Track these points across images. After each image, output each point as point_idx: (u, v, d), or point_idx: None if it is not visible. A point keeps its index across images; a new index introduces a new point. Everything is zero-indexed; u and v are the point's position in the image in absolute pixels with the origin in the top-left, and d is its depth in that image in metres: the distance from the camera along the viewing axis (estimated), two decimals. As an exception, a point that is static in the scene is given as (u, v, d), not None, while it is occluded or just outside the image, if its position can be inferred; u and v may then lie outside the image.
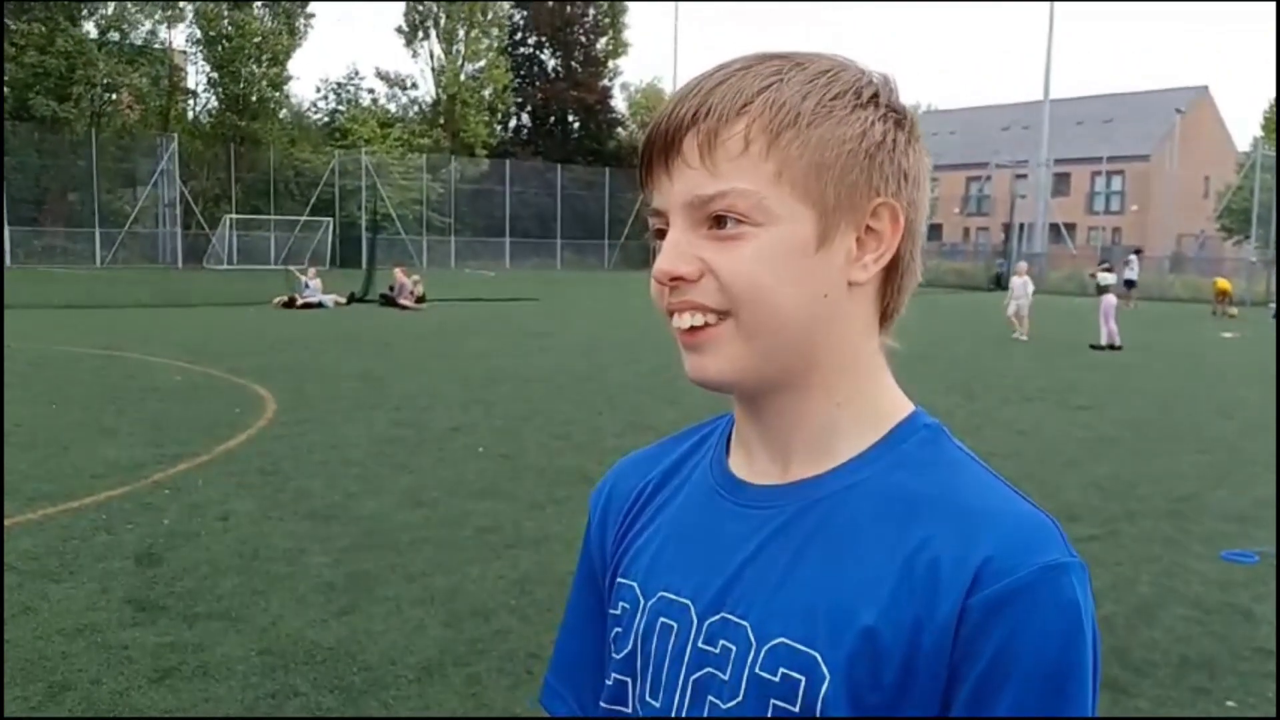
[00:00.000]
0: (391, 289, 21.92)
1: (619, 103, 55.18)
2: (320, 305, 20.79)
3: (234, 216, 39.19)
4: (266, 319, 18.10)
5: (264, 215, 40.48)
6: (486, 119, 48.94)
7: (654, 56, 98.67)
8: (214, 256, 38.27)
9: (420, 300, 21.66)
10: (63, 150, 36.67)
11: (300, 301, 20.61)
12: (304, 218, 40.39)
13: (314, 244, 39.07)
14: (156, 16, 38.94)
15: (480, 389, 10.30)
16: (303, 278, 21.89)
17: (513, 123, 53.76)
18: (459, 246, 46.26)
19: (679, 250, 0.75)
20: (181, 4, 39.54)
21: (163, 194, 39.16)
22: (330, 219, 40.52)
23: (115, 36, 37.70)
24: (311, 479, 6.40)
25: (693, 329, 0.76)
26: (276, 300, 20.68)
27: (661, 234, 0.78)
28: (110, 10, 37.66)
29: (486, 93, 49.18)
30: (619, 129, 55.05)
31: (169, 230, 39.33)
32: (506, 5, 51.06)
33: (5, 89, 36.81)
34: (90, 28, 37.30)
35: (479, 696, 3.49)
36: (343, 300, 21.75)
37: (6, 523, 5.28)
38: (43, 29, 34.95)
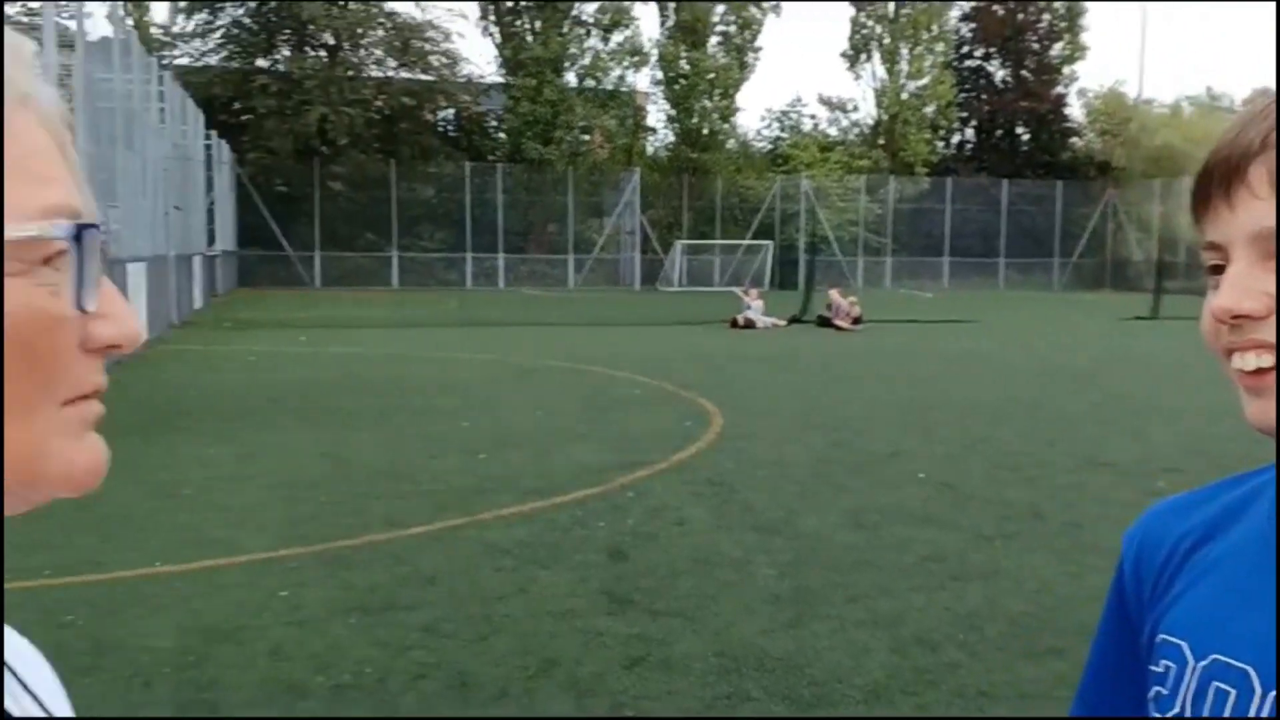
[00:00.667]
0: (829, 308, 22.23)
1: (1074, 110, 51.20)
2: (762, 326, 21.63)
3: (684, 242, 42.12)
4: (714, 338, 19.20)
5: (710, 240, 43.05)
6: (928, 137, 47.89)
7: (1117, 58, 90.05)
8: (664, 279, 41.36)
9: (856, 321, 21.73)
10: (545, 187, 41.92)
11: (743, 321, 21.60)
12: (746, 241, 42.32)
13: (754, 267, 40.79)
14: (625, 63, 43.11)
15: (918, 413, 10.09)
16: (745, 298, 22.93)
17: (955, 138, 52.03)
18: (895, 266, 45.72)
19: (1243, 286, 0.70)
20: (648, 49, 43.42)
21: (624, 223, 43.22)
22: (770, 242, 42.06)
23: (590, 84, 42.32)
24: (756, 492, 6.69)
25: (1259, 371, 0.70)
26: (733, 319, 21.78)
27: (1216, 269, 0.73)
28: (588, 61, 42.38)
29: (929, 110, 48.12)
30: (1074, 138, 51.11)
31: (629, 255, 43.26)
32: (953, 19, 49.70)
33: (485, 138, 42.67)
34: (571, 77, 42.27)
35: (926, 728, 3.43)
36: (782, 322, 22.44)
37: (506, 512, 6.13)
38: (534, 82, 40.27)
